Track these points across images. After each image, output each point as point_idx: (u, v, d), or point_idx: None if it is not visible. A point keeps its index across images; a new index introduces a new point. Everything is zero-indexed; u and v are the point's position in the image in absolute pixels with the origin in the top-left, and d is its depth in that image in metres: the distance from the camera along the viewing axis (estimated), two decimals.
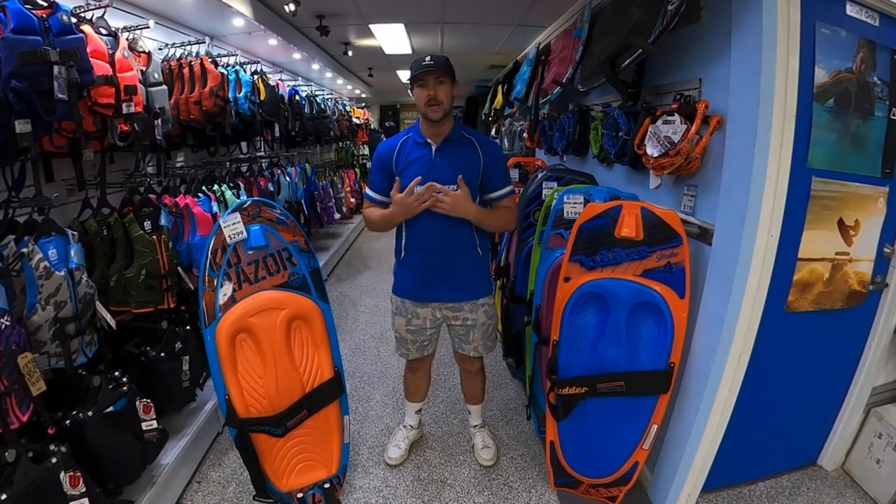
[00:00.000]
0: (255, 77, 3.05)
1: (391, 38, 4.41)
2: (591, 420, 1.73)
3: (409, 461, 2.09)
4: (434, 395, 2.57)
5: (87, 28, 1.58)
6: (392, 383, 2.71)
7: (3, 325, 1.20)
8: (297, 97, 4.04)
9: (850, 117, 1.57)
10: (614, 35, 1.82)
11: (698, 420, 1.62)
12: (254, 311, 1.60)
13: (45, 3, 1.39)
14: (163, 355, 1.92)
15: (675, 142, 1.57)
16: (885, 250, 1.75)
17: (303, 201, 4.19)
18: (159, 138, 1.99)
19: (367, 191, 1.82)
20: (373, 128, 10.03)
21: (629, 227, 1.61)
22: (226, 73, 2.61)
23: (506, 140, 4.75)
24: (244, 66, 3.07)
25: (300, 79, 5.25)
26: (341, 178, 5.87)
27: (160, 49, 2.48)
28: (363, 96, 9.25)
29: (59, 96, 1.33)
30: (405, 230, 1.77)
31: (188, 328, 2.09)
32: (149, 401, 1.69)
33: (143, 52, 1.96)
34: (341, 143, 6.88)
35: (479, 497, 1.90)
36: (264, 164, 3.84)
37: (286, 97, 3.70)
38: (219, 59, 2.70)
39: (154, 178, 2.37)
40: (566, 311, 1.68)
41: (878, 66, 1.58)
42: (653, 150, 1.66)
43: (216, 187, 2.59)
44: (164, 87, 2.04)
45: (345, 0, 3.23)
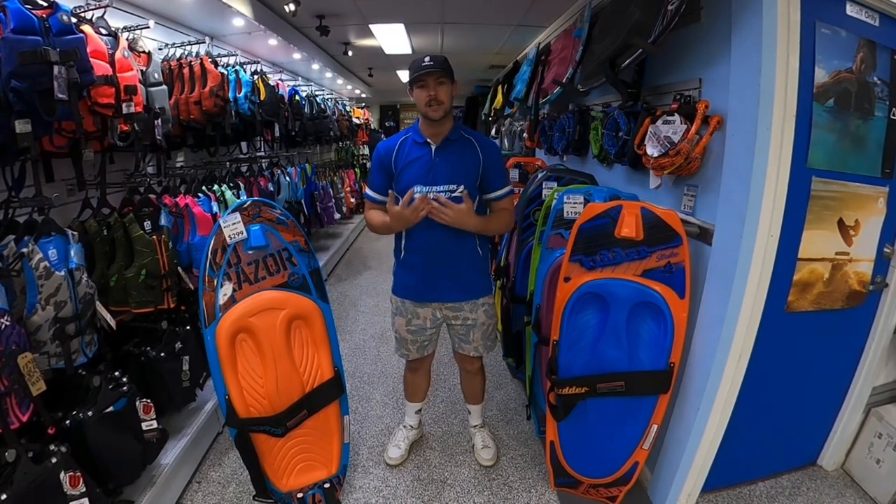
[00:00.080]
0: (255, 77, 3.05)
1: (391, 38, 4.41)
2: (591, 420, 1.73)
3: (409, 461, 2.09)
4: (434, 395, 2.57)
5: (87, 28, 1.58)
6: (392, 383, 2.71)
7: (3, 325, 1.20)
8: (297, 97, 4.04)
9: (850, 117, 1.57)
10: (614, 35, 1.82)
11: (698, 420, 1.62)
12: (254, 311, 1.61)
13: (45, 3, 1.39)
14: (163, 355, 1.92)
15: (675, 142, 1.57)
16: (885, 250, 1.75)
17: (303, 201, 4.19)
18: (159, 138, 1.99)
19: (368, 191, 1.82)
20: (373, 128, 10.03)
21: (629, 227, 1.61)
22: (226, 73, 2.61)
23: (506, 140, 4.75)
24: (244, 66, 3.07)
25: (300, 79, 5.24)
26: (341, 178, 5.87)
27: (160, 49, 2.48)
28: (363, 96, 9.25)
29: (59, 96, 1.33)
30: (404, 232, 1.77)
31: (188, 328, 2.09)
32: (149, 401, 1.69)
33: (143, 52, 1.96)
34: (341, 143, 6.88)
35: (479, 497, 1.90)
36: (264, 164, 3.84)
37: (286, 97, 3.70)
38: (219, 59, 2.70)
39: (154, 178, 2.37)
40: (566, 311, 1.68)
41: (878, 66, 1.58)
42: (653, 150, 1.66)
43: (216, 187, 2.59)
44: (164, 87, 2.04)
45: (345, 0, 3.23)
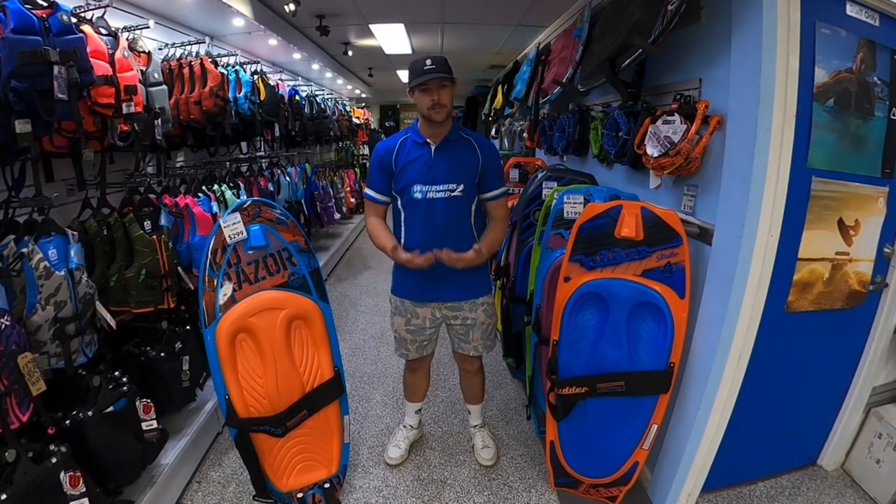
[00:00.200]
0: (255, 77, 3.05)
1: (391, 38, 4.41)
2: (591, 420, 1.73)
3: (409, 461, 2.09)
4: (434, 395, 2.57)
5: (87, 28, 1.58)
6: (392, 383, 2.71)
7: (3, 325, 1.20)
8: (297, 97, 4.04)
9: (850, 117, 1.57)
10: (614, 35, 1.82)
11: (698, 420, 1.62)
12: (254, 310, 1.60)
13: (45, 3, 1.39)
14: (163, 355, 1.92)
15: (675, 142, 1.57)
16: (885, 250, 1.75)
17: (303, 201, 4.19)
18: (159, 138, 1.99)
19: (368, 191, 1.82)
20: (373, 128, 10.03)
21: (629, 227, 1.61)
22: (226, 73, 2.61)
23: (506, 140, 4.75)
24: (244, 66, 3.07)
25: (300, 79, 5.24)
26: (341, 178, 5.87)
27: (160, 49, 2.47)
28: (363, 96, 9.25)
29: (59, 96, 1.33)
30: (404, 230, 1.77)
31: (188, 328, 2.09)
32: (149, 401, 1.69)
33: (143, 52, 1.96)
34: (341, 143, 6.87)
35: (479, 497, 1.90)
36: (264, 164, 3.84)
37: (286, 97, 3.69)
38: (219, 59, 2.70)
39: (154, 178, 2.37)
40: (566, 311, 1.68)
41: (878, 66, 1.58)
42: (653, 150, 1.66)
43: (216, 187, 2.59)
44: (164, 87, 2.04)
45: (345, 0, 3.23)
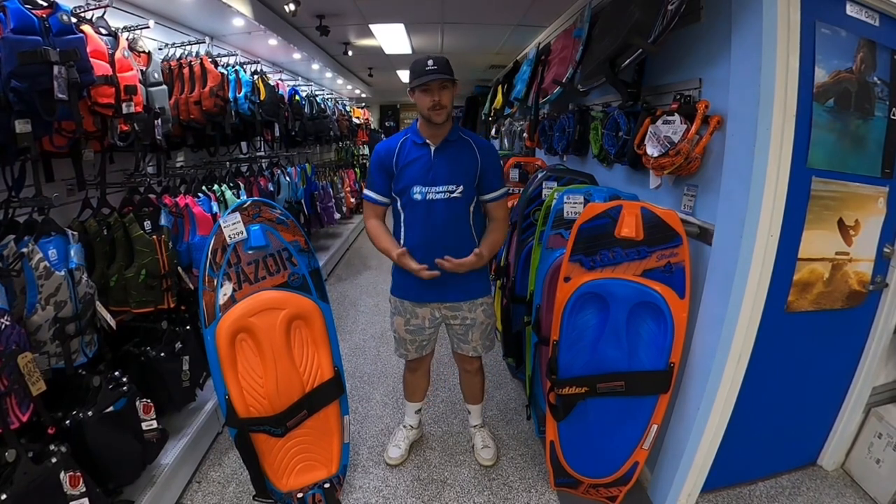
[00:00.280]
0: (255, 77, 3.04)
1: (391, 38, 4.41)
2: (591, 420, 1.73)
3: (409, 461, 2.09)
4: (434, 394, 2.57)
5: (87, 28, 1.58)
6: (392, 383, 2.71)
7: (3, 325, 1.19)
8: (297, 97, 4.04)
9: (850, 117, 1.57)
10: (614, 35, 1.82)
11: (698, 420, 1.62)
12: (254, 310, 1.60)
13: (45, 3, 1.39)
14: (163, 355, 1.92)
15: (675, 142, 1.57)
16: (885, 250, 1.75)
17: (303, 201, 4.19)
18: (159, 138, 1.99)
19: (367, 191, 1.82)
20: (373, 128, 10.03)
21: (629, 227, 1.61)
22: (226, 73, 2.61)
23: (506, 140, 4.75)
24: (244, 66, 3.07)
25: (300, 79, 5.24)
26: (341, 177, 5.87)
27: (160, 49, 2.47)
28: (363, 96, 9.25)
29: (59, 96, 1.33)
30: (403, 231, 1.77)
31: (188, 328, 2.08)
32: (149, 401, 1.69)
33: (143, 52, 1.96)
34: (341, 143, 6.87)
35: (479, 497, 1.90)
36: (264, 164, 3.84)
37: (286, 97, 3.69)
38: (219, 59, 2.70)
39: (154, 178, 2.37)
40: (566, 311, 1.68)
41: (878, 66, 1.58)
42: (653, 149, 1.66)
43: (216, 187, 2.59)
44: (164, 87, 2.04)
45: (345, 0, 3.23)
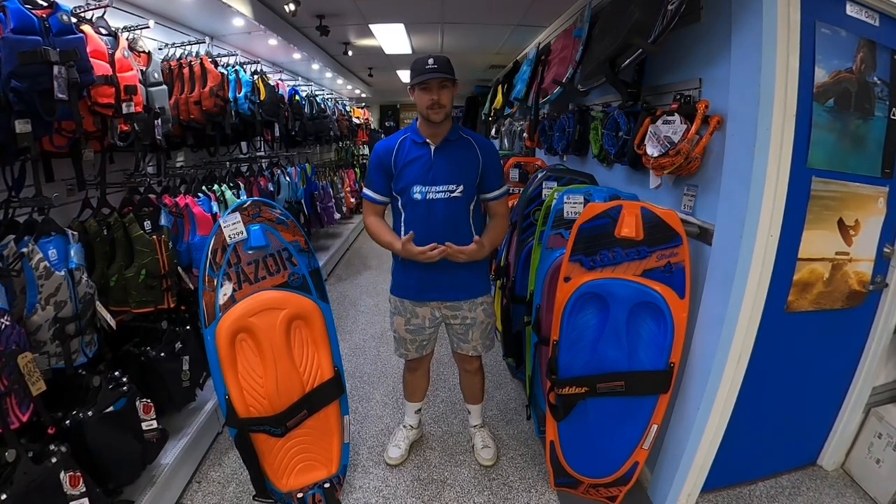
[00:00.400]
0: (255, 77, 3.04)
1: (391, 38, 4.41)
2: (591, 420, 1.73)
3: (409, 461, 2.09)
4: (434, 394, 2.57)
5: (87, 28, 1.58)
6: (392, 383, 2.71)
7: (3, 325, 1.19)
8: (297, 97, 4.04)
9: (850, 117, 1.57)
10: (614, 35, 1.82)
11: (698, 420, 1.62)
12: (254, 310, 1.60)
13: (45, 3, 1.39)
14: (163, 355, 1.92)
15: (675, 142, 1.57)
16: (885, 250, 1.75)
17: (303, 201, 4.19)
18: (159, 138, 1.99)
19: (367, 191, 1.82)
20: (373, 128, 10.03)
21: (629, 227, 1.61)
22: (226, 72, 2.61)
23: (506, 140, 4.75)
24: (244, 66, 3.07)
25: (300, 79, 5.24)
26: (341, 177, 5.87)
27: (160, 49, 2.47)
28: (363, 96, 9.25)
29: (59, 96, 1.33)
30: (403, 230, 1.76)
31: (188, 328, 2.08)
32: (149, 401, 1.69)
33: (143, 52, 1.96)
34: (341, 143, 6.87)
35: (479, 497, 1.90)
36: (264, 164, 3.84)
37: (286, 97, 3.69)
38: (219, 59, 2.70)
39: (154, 178, 2.37)
40: (566, 311, 1.68)
41: (878, 66, 1.58)
42: (653, 149, 1.66)
43: (216, 187, 2.59)
44: (164, 87, 2.03)
45: (345, 0, 3.23)
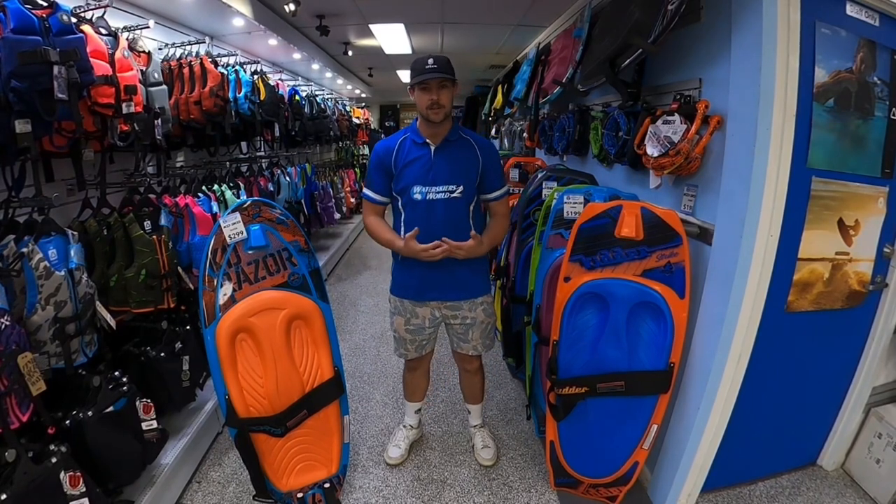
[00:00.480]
0: (255, 77, 3.04)
1: (391, 38, 4.41)
2: (591, 420, 1.73)
3: (409, 461, 2.09)
4: (434, 394, 2.57)
5: (87, 28, 1.58)
6: (392, 383, 2.71)
7: (3, 325, 1.19)
8: (297, 97, 4.04)
9: (850, 117, 1.57)
10: (614, 35, 1.82)
11: (698, 420, 1.62)
12: (254, 310, 1.60)
13: (45, 3, 1.39)
14: (163, 355, 1.92)
15: (675, 142, 1.57)
16: (885, 250, 1.75)
17: (303, 201, 4.19)
18: (159, 138, 1.99)
19: (366, 191, 1.82)
20: (373, 128, 10.03)
21: (629, 227, 1.61)
22: (226, 72, 2.60)
23: (506, 140, 4.75)
24: (244, 66, 3.07)
25: (300, 79, 5.24)
26: (341, 177, 5.87)
27: (160, 49, 2.47)
28: (363, 96, 9.24)
29: (59, 96, 1.33)
30: (404, 231, 1.77)
31: (188, 328, 2.08)
32: (149, 401, 1.69)
33: (143, 52, 1.96)
34: (341, 143, 6.88)
35: (479, 497, 1.90)
36: (264, 164, 3.84)
37: (286, 97, 3.69)
38: (219, 59, 2.70)
39: (154, 178, 2.37)
40: (566, 311, 1.68)
41: (878, 66, 1.58)
42: (653, 149, 1.66)
43: (216, 187, 2.59)
44: (164, 86, 2.03)
45: (345, 0, 3.23)
